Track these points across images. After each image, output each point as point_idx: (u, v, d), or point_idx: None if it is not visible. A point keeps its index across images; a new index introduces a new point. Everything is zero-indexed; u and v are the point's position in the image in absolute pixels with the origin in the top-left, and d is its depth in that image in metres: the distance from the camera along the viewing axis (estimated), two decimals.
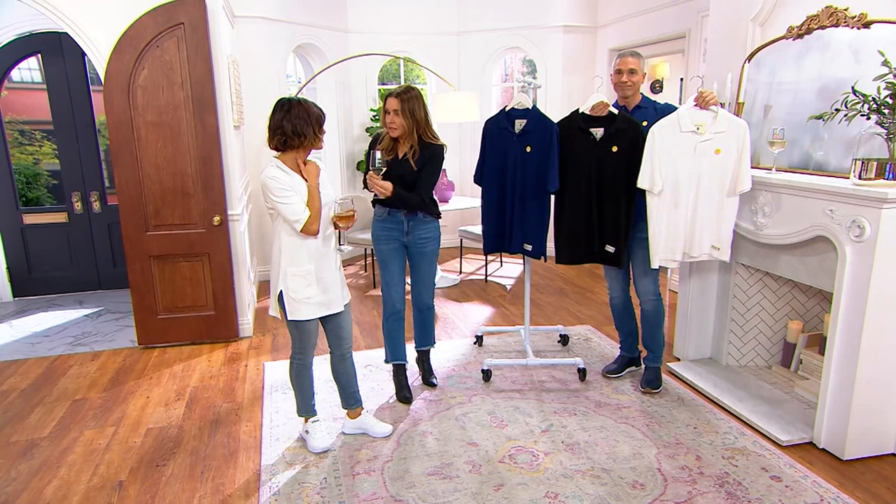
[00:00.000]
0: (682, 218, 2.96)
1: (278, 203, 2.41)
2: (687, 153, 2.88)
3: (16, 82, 5.96)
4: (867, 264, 2.39)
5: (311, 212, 2.43)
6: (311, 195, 2.45)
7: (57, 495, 2.44)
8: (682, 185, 2.92)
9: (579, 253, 3.21)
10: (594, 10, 6.10)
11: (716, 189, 2.91)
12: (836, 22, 2.72)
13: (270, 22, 5.33)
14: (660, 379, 3.26)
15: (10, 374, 3.63)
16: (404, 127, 2.90)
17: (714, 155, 2.87)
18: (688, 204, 2.94)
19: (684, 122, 2.87)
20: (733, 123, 2.86)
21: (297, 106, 2.43)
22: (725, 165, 2.88)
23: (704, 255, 3.01)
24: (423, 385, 3.35)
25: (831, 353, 2.57)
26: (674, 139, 2.89)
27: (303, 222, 2.41)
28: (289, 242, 2.49)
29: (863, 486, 2.40)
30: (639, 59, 3.10)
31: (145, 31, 3.60)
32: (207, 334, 4.06)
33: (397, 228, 3.05)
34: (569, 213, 3.17)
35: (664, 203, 2.95)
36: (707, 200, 2.93)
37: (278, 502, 2.36)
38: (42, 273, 5.25)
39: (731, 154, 2.86)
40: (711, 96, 2.84)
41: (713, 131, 2.85)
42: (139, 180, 3.76)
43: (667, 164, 2.90)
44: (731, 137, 2.85)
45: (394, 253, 3.09)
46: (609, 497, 2.36)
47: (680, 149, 2.88)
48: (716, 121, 2.85)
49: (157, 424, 3.00)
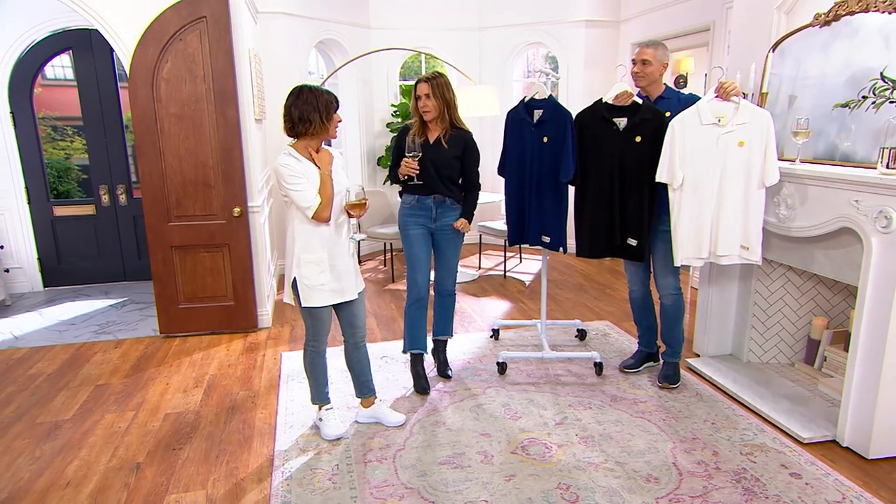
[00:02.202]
0: (707, 214, 2.85)
1: (290, 190, 2.43)
2: (709, 146, 2.80)
3: (49, 79, 6.13)
4: (894, 256, 2.31)
5: (322, 199, 2.44)
6: (323, 182, 2.46)
7: (77, 475, 2.50)
8: (705, 179, 2.83)
9: (600, 246, 3.14)
10: (617, 4, 6.02)
11: (741, 183, 2.80)
12: (865, 7, 2.64)
13: (293, 17, 5.39)
14: (678, 374, 3.21)
15: (38, 360, 3.73)
16: (437, 108, 2.95)
17: (738, 147, 2.77)
18: (712, 199, 2.84)
19: (705, 114, 2.80)
20: (756, 114, 2.77)
21: (307, 93, 2.44)
22: (750, 158, 2.77)
23: (735, 255, 2.86)
24: (438, 377, 3.34)
25: (856, 349, 2.50)
26: (695, 132, 2.81)
27: (314, 209, 2.43)
28: (302, 229, 2.51)
29: (889, 486, 2.32)
30: (657, 49, 3.03)
31: (169, 24, 3.67)
32: (227, 324, 4.12)
33: (425, 215, 3.09)
34: (591, 204, 3.11)
35: (686, 198, 2.86)
36: (732, 195, 2.81)
37: (290, 487, 2.38)
38: (70, 264, 5.39)
39: (756, 146, 2.75)
40: (733, 87, 2.76)
41: (735, 123, 2.77)
42: (162, 171, 3.84)
43: (688, 157, 2.82)
44: (754, 129, 2.75)
45: (421, 238, 3.11)
46: (622, 490, 2.33)
47: (701, 141, 2.81)
48: (738, 112, 2.76)
49: (175, 410, 3.05)
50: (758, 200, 2.82)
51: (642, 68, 3.02)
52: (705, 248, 2.89)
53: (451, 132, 3.03)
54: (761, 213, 2.82)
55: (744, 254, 2.86)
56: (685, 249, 2.90)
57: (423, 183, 3.00)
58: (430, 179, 3.01)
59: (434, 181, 3.02)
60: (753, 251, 2.85)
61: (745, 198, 2.82)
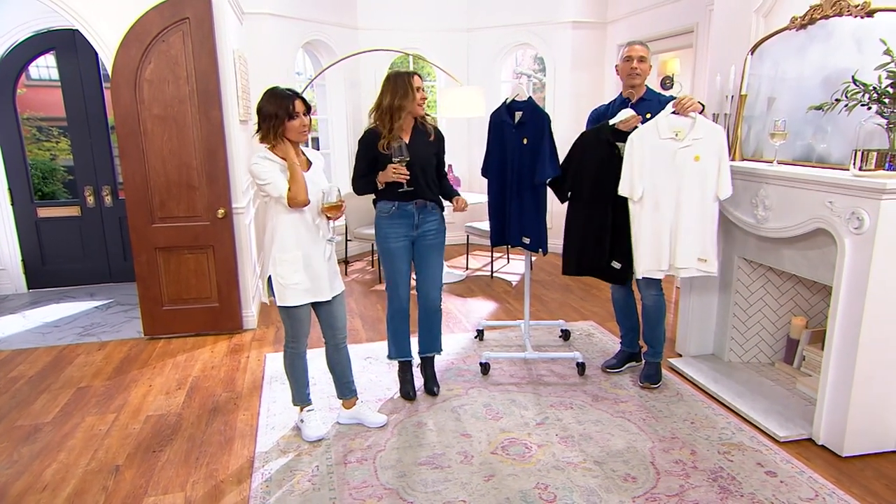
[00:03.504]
0: (666, 226, 2.90)
1: (264, 184, 2.44)
2: (667, 160, 2.85)
3: (34, 79, 6.09)
4: (866, 257, 2.34)
5: (292, 185, 2.43)
6: (290, 169, 2.45)
7: (55, 478, 2.49)
8: (664, 192, 2.88)
9: (585, 265, 3.19)
10: (604, 5, 6.05)
11: (697, 196, 2.85)
12: (839, 11, 2.67)
13: (279, 18, 5.38)
14: (659, 374, 3.23)
15: (20, 363, 3.71)
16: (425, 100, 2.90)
17: (694, 162, 2.82)
18: (670, 212, 2.89)
19: (663, 128, 2.85)
20: (711, 129, 2.82)
21: (268, 95, 2.46)
22: (705, 172, 2.83)
23: (693, 269, 2.92)
24: (424, 393, 3.19)
25: (830, 348, 2.53)
26: (653, 145, 2.86)
27: (286, 196, 2.44)
28: (279, 228, 2.52)
29: (860, 482, 2.36)
30: (647, 48, 3.07)
31: (151, 25, 3.66)
32: (212, 326, 4.11)
33: (406, 223, 2.95)
34: (583, 223, 3.11)
35: (646, 211, 2.91)
36: (689, 208, 2.86)
37: (269, 488, 2.38)
38: (55, 265, 5.36)
39: (710, 160, 2.82)
40: (690, 103, 2.80)
41: (692, 137, 2.81)
42: (145, 173, 3.83)
43: (647, 170, 2.87)
44: (709, 143, 2.81)
45: (403, 251, 2.98)
46: (599, 489, 2.35)
47: (660, 155, 2.85)
48: (694, 127, 2.81)
49: (157, 412, 3.04)
50: (713, 214, 2.88)
51: (640, 65, 3.03)
52: (665, 260, 2.93)
53: (422, 124, 2.93)
54: (716, 226, 2.90)
55: (701, 266, 2.92)
56: (645, 262, 2.95)
57: (412, 188, 2.85)
58: (416, 182, 2.86)
59: (419, 184, 2.88)
60: (711, 263, 2.92)
61: (702, 211, 2.88)
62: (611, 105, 3.24)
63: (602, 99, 6.18)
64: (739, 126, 3.19)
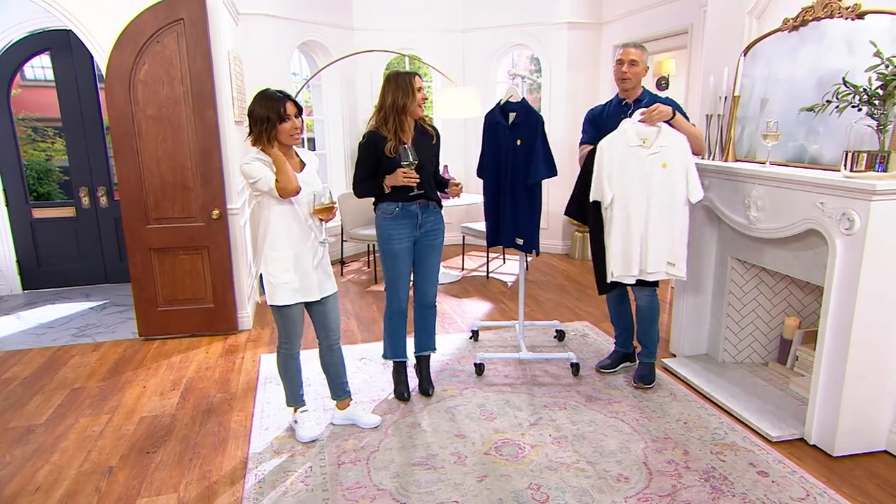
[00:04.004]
0: (637, 232, 2.92)
1: (255, 180, 2.44)
2: (636, 166, 2.88)
3: (30, 80, 6.08)
4: (857, 258, 2.35)
5: (278, 176, 2.42)
6: (276, 163, 2.44)
7: (48, 480, 2.49)
8: (633, 198, 2.91)
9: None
10: (599, 6, 6.06)
11: (666, 202, 2.89)
12: (830, 13, 2.68)
13: (275, 19, 5.38)
14: (653, 374, 3.24)
15: (14, 364, 3.70)
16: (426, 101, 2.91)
17: (661, 168, 2.87)
18: (640, 217, 2.91)
19: (630, 136, 2.88)
20: (676, 137, 2.87)
21: (258, 94, 2.46)
22: (672, 179, 2.87)
23: (661, 273, 2.95)
24: (418, 394, 3.18)
25: (821, 348, 2.54)
26: (622, 152, 2.89)
27: (276, 188, 2.43)
28: (271, 225, 2.53)
29: (851, 482, 2.37)
30: (641, 50, 3.03)
31: (146, 26, 3.66)
32: (207, 327, 4.11)
33: (410, 223, 2.94)
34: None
35: (616, 216, 2.94)
36: (658, 214, 2.90)
37: (262, 489, 2.39)
38: (50, 266, 5.35)
39: (677, 167, 2.87)
40: (658, 114, 2.82)
41: (658, 145, 2.86)
42: (140, 174, 3.82)
43: (616, 177, 2.90)
44: (675, 151, 2.86)
45: (406, 252, 2.97)
46: (592, 490, 2.35)
47: (629, 162, 2.89)
48: (660, 135, 2.85)
49: (151, 413, 3.04)
50: (682, 219, 2.92)
51: (630, 69, 3.00)
52: (635, 265, 2.95)
53: (422, 125, 2.96)
54: (686, 230, 2.94)
55: (670, 270, 2.96)
56: (616, 266, 2.96)
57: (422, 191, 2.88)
58: (423, 184, 2.87)
59: (425, 185, 2.90)
60: (679, 267, 2.96)
61: (671, 217, 2.91)
62: (607, 105, 3.23)
63: (598, 99, 6.20)
64: (733, 127, 3.20)
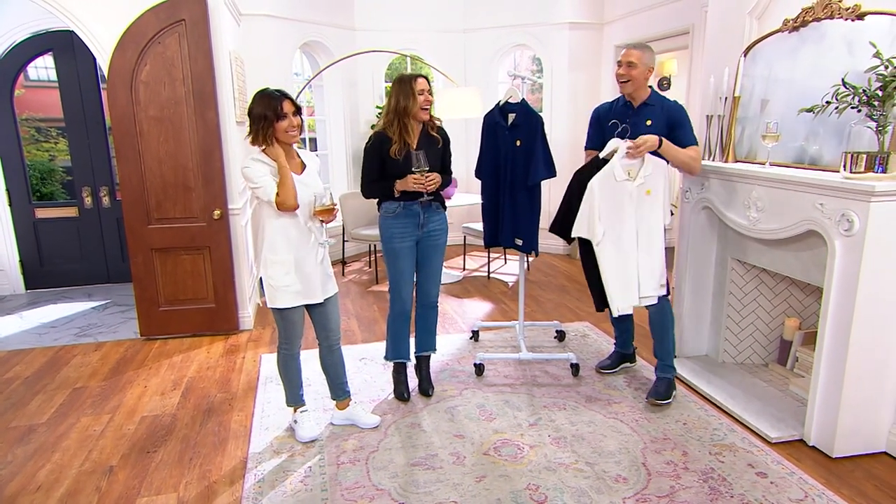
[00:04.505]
0: (633, 262, 2.92)
1: (255, 187, 2.45)
2: (627, 201, 2.87)
3: (33, 80, 6.11)
4: (856, 259, 2.35)
5: (280, 189, 2.43)
6: (280, 173, 2.45)
7: (49, 479, 2.50)
8: (625, 230, 2.90)
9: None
10: (600, 6, 6.06)
11: (654, 228, 2.93)
12: (830, 14, 2.68)
13: (276, 19, 5.40)
14: (670, 391, 3.02)
15: (16, 363, 3.72)
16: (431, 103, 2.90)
17: (646, 196, 2.88)
18: (633, 248, 2.91)
19: (619, 172, 2.85)
20: (656, 162, 2.87)
21: (257, 94, 2.47)
22: (653, 204, 2.90)
23: (654, 297, 2.97)
24: (418, 394, 3.19)
25: (821, 349, 2.54)
26: (613, 190, 2.86)
27: (275, 200, 2.44)
28: (270, 230, 2.54)
29: (850, 483, 2.36)
30: (643, 51, 2.91)
31: (147, 27, 3.67)
32: (208, 327, 4.13)
33: (412, 222, 2.96)
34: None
35: (610, 251, 2.91)
36: (647, 241, 2.92)
37: (262, 489, 2.40)
38: (53, 266, 5.38)
39: (659, 192, 2.90)
40: (645, 146, 2.79)
41: (643, 175, 2.85)
42: (141, 174, 3.84)
43: (606, 213, 2.87)
44: (657, 178, 2.88)
45: (408, 251, 2.99)
46: (590, 490, 2.35)
47: (620, 199, 2.87)
48: (644, 164, 2.85)
49: (152, 413, 3.06)
50: (661, 240, 2.96)
51: (627, 70, 2.91)
52: (635, 294, 2.95)
53: (430, 127, 2.97)
54: (663, 252, 2.97)
55: (660, 291, 2.99)
56: (618, 301, 2.93)
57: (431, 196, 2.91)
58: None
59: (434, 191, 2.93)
60: (664, 286, 3.00)
61: (658, 240, 2.96)
62: (614, 104, 3.13)
63: (599, 99, 6.19)
64: (733, 128, 3.19)
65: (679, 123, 2.94)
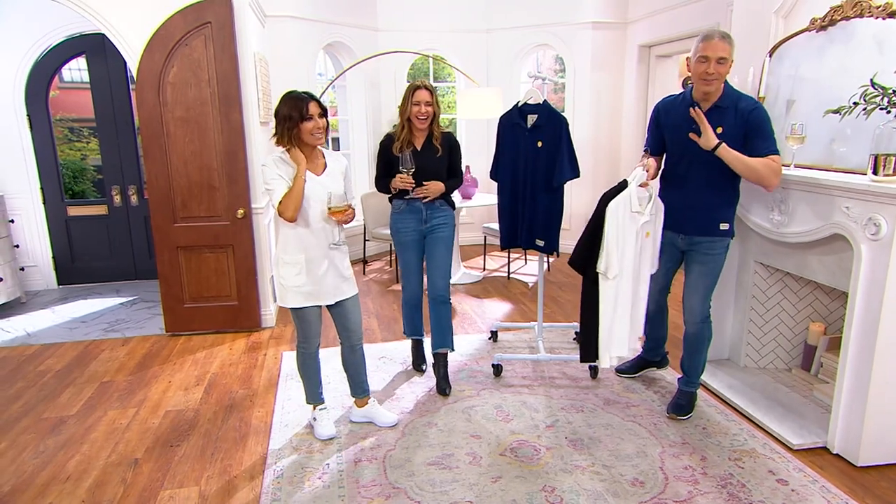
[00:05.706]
0: (635, 306, 2.83)
1: (268, 190, 2.50)
2: (632, 234, 2.70)
3: (67, 82, 6.29)
4: (883, 263, 2.30)
5: (283, 198, 2.45)
6: (294, 183, 2.46)
7: (78, 469, 2.58)
8: (629, 269, 2.75)
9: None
10: (624, 5, 6.00)
11: (643, 278, 2.83)
12: (860, 12, 2.62)
13: (300, 21, 5.46)
14: (691, 405, 2.91)
15: (48, 357, 3.84)
16: (431, 115, 3.07)
17: (646, 238, 2.76)
18: (636, 291, 2.81)
19: (633, 201, 2.67)
20: (659, 205, 2.77)
21: (284, 95, 2.51)
22: (646, 252, 2.80)
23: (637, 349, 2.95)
24: (435, 394, 3.21)
25: (846, 355, 2.48)
26: (626, 219, 2.67)
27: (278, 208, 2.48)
28: (283, 231, 2.58)
29: (876, 493, 2.31)
30: (730, 44, 2.47)
31: (175, 30, 3.75)
32: (231, 324, 4.20)
33: (415, 218, 3.19)
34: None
35: (625, 289, 2.75)
36: (644, 288, 2.86)
37: (280, 485, 2.44)
38: (84, 262, 5.53)
39: (657, 238, 2.82)
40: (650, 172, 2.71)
41: (650, 212, 2.72)
42: (168, 174, 3.93)
43: (621, 244, 2.68)
44: (657, 222, 2.79)
45: (412, 244, 3.23)
46: (606, 493, 2.35)
47: (629, 230, 2.69)
48: (651, 200, 2.71)
49: (176, 407, 3.13)
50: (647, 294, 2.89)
51: (718, 68, 2.46)
52: (633, 339, 2.90)
53: (437, 134, 3.14)
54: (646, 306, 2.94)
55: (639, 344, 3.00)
56: (615, 346, 2.83)
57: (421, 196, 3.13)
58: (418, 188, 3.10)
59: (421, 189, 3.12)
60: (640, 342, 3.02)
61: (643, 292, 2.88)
62: (678, 99, 2.77)
63: (622, 100, 6.16)
64: None
65: (756, 130, 2.51)
